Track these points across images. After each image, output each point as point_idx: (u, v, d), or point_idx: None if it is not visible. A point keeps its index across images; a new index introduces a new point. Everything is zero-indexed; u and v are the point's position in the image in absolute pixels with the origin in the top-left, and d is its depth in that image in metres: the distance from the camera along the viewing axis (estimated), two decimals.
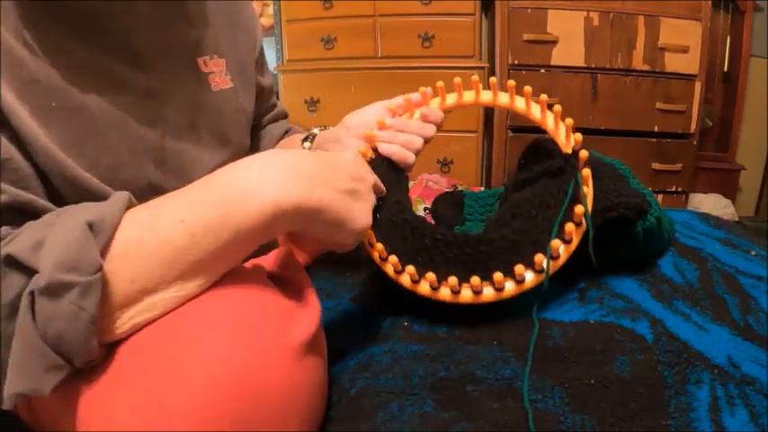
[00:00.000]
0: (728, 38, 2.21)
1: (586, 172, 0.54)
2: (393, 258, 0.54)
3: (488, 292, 0.52)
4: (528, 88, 0.60)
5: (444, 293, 0.53)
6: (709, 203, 2.16)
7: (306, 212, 0.42)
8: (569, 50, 1.95)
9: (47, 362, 0.35)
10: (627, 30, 1.92)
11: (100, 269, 0.36)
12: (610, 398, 0.43)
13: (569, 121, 0.58)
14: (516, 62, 1.98)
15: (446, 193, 0.75)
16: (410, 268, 0.52)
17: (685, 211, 0.84)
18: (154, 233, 0.39)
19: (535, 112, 0.62)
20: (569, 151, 0.57)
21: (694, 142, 2.02)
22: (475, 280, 0.51)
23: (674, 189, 2.06)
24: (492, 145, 2.12)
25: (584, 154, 0.55)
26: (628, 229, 0.58)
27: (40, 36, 0.43)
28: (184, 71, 0.57)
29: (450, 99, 0.66)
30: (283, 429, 0.38)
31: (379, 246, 0.55)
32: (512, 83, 0.62)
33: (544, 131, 0.62)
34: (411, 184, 2.08)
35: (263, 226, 0.40)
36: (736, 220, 2.14)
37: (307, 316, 0.42)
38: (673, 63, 1.94)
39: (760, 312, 0.54)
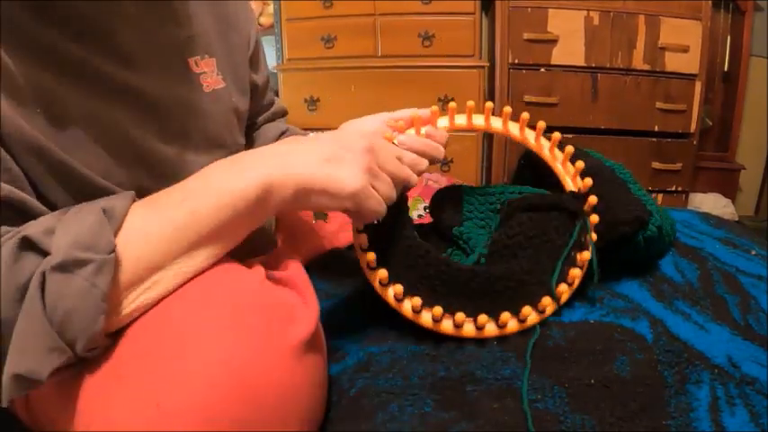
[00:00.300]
0: (729, 37, 2.21)
1: (594, 218, 0.55)
2: (398, 287, 0.52)
3: (491, 328, 0.52)
4: (541, 123, 0.60)
5: (447, 326, 0.52)
6: (709, 203, 2.16)
7: (291, 186, 0.44)
8: (569, 50, 1.95)
9: (49, 343, 0.35)
10: (627, 29, 1.92)
11: (114, 249, 0.37)
12: (610, 398, 0.43)
13: (580, 164, 0.58)
14: (516, 61, 1.98)
15: (446, 188, 0.74)
16: (415, 300, 0.52)
17: (685, 211, 0.84)
18: (156, 215, 0.41)
19: (544, 148, 0.61)
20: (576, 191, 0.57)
21: (694, 142, 2.02)
22: (482, 318, 0.51)
23: (674, 189, 2.06)
24: (492, 144, 2.12)
25: (592, 199, 0.55)
26: (629, 240, 0.58)
27: (25, 39, 0.42)
28: (175, 72, 0.56)
29: (460, 120, 0.63)
30: (283, 429, 0.37)
31: (382, 272, 0.54)
32: (525, 116, 0.61)
33: (545, 130, 0.62)
34: None
35: (257, 204, 0.43)
36: (736, 219, 2.14)
37: (306, 315, 0.42)
38: (673, 63, 1.94)
39: (760, 312, 0.54)
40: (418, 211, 1.89)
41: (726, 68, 2.24)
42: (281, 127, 0.85)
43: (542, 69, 1.98)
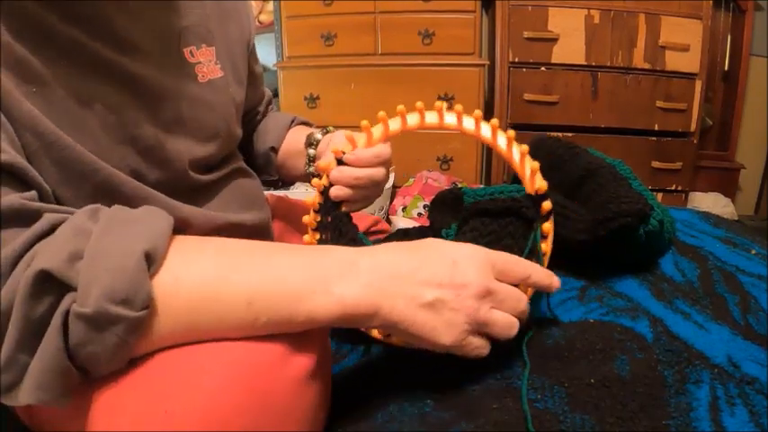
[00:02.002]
0: (729, 37, 2.21)
1: (547, 226, 0.51)
2: None
3: None
4: (494, 121, 0.56)
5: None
6: (709, 202, 2.16)
7: (377, 322, 0.41)
8: (570, 48, 1.95)
9: (71, 381, 0.35)
10: (627, 28, 1.92)
11: (149, 304, 0.35)
12: (609, 397, 0.43)
13: (535, 164, 0.53)
14: (516, 60, 1.98)
15: (448, 190, 0.74)
16: None
17: (685, 210, 0.84)
18: (216, 306, 0.38)
19: (501, 144, 0.57)
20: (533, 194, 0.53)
21: (694, 141, 2.02)
22: None
23: (673, 188, 2.06)
24: None
25: (546, 205, 0.51)
26: (630, 234, 0.58)
27: (23, 19, 0.42)
28: (169, 61, 0.56)
29: (431, 118, 0.59)
30: None
31: None
32: (478, 113, 0.56)
33: (544, 129, 0.60)
34: (411, 181, 2.07)
35: (328, 325, 0.40)
36: (736, 219, 2.14)
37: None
38: (673, 62, 1.94)
39: (760, 311, 0.54)
40: (417, 209, 1.90)
41: (726, 68, 2.24)
42: (289, 116, 0.86)
43: (542, 68, 1.98)
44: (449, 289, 0.41)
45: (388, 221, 1.81)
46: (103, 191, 0.47)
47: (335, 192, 0.57)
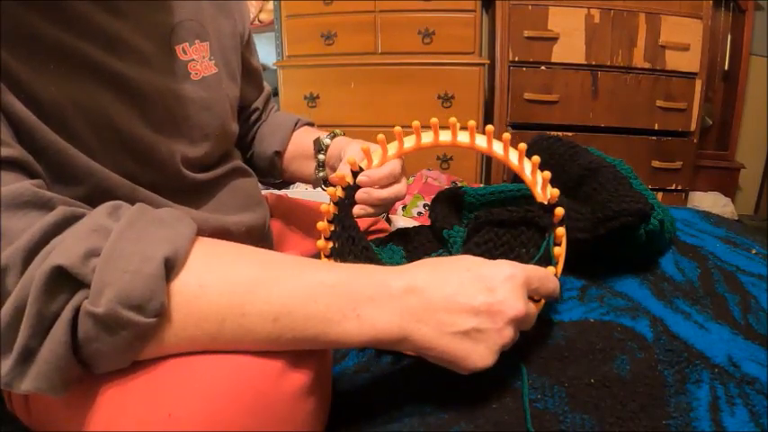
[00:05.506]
0: (729, 36, 2.21)
1: (561, 231, 0.52)
2: None
3: None
4: (507, 135, 0.57)
5: None
6: (709, 202, 2.16)
7: (408, 348, 0.41)
8: (570, 47, 1.95)
9: (70, 374, 0.35)
10: (628, 27, 1.92)
11: (161, 312, 0.35)
12: (609, 397, 0.43)
13: (547, 173, 0.54)
14: (517, 59, 1.98)
15: (448, 189, 0.74)
16: None
17: (686, 209, 0.84)
18: (241, 320, 0.37)
19: (513, 159, 0.58)
20: (545, 203, 0.54)
21: (694, 140, 2.02)
22: None
23: (673, 187, 2.06)
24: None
25: (559, 211, 0.52)
26: (630, 233, 0.58)
27: (9, 23, 0.41)
28: (160, 61, 0.55)
29: (427, 139, 0.61)
30: None
31: None
32: (490, 128, 0.57)
33: (544, 128, 0.61)
34: (410, 179, 2.07)
35: (355, 346, 0.41)
36: (736, 218, 2.14)
37: None
38: (673, 61, 1.94)
39: (760, 311, 0.54)
40: (417, 208, 1.89)
41: (726, 67, 2.24)
42: (293, 117, 0.85)
43: (543, 67, 1.98)
44: (485, 316, 0.40)
45: (388, 220, 1.81)
46: (98, 194, 0.46)
47: (359, 212, 0.59)
